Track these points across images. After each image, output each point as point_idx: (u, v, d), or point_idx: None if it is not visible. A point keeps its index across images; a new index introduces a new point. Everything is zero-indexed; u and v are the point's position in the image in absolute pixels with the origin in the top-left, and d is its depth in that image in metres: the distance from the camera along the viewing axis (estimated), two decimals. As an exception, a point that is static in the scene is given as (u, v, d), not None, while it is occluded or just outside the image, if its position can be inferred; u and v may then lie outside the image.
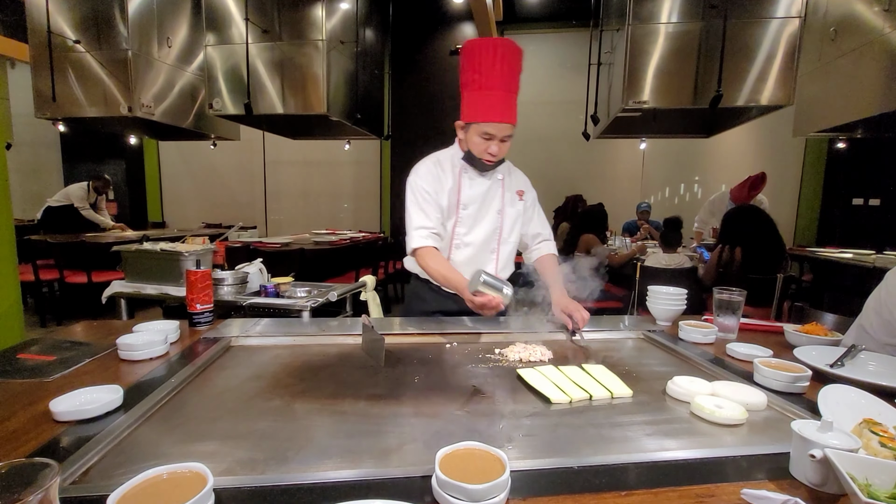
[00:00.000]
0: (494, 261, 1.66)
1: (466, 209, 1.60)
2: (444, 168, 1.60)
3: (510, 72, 1.45)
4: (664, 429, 0.85)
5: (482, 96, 1.45)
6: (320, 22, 4.00)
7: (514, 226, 1.67)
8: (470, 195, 1.60)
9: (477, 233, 1.63)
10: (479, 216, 1.62)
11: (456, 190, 1.59)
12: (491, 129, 1.46)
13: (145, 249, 2.41)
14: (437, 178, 1.58)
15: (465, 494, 0.57)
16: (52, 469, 0.41)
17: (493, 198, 1.63)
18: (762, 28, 3.32)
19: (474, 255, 1.64)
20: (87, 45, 4.21)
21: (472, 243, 1.63)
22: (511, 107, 1.48)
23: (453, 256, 1.65)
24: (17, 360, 1.09)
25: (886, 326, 1.25)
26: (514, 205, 1.66)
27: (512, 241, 1.69)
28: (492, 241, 1.65)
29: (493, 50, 1.43)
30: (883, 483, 0.58)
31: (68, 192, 5.47)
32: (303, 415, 0.88)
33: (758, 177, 4.14)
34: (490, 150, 1.49)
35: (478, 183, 1.61)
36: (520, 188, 1.68)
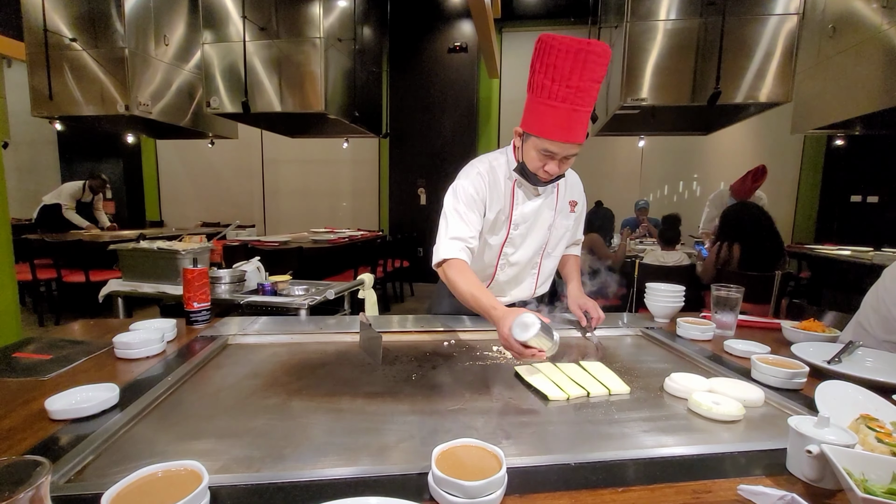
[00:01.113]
0: (535, 276, 1.54)
1: (517, 229, 1.44)
2: (497, 177, 1.41)
3: (589, 83, 1.19)
4: (661, 425, 0.85)
5: (549, 108, 1.21)
6: (318, 20, 3.99)
7: (561, 239, 1.54)
8: (523, 213, 1.42)
9: (524, 251, 1.49)
10: (529, 234, 1.47)
11: (509, 206, 1.41)
12: (553, 147, 1.24)
13: (142, 248, 2.41)
14: (490, 186, 1.39)
15: (461, 491, 0.57)
16: (44, 467, 0.41)
17: (546, 211, 1.46)
18: (760, 25, 3.31)
19: (518, 274, 1.52)
20: (84, 43, 4.20)
21: (518, 262, 1.49)
22: (581, 124, 1.23)
23: (498, 276, 1.51)
24: (13, 359, 1.08)
25: (884, 323, 1.25)
26: (566, 217, 1.51)
27: (556, 255, 1.56)
28: (536, 257, 1.52)
29: (573, 55, 1.16)
30: (879, 478, 0.58)
31: (62, 190, 5.45)
32: (300, 413, 0.87)
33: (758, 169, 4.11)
34: (547, 168, 1.28)
35: (532, 202, 1.43)
36: (573, 198, 1.51)
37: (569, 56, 1.16)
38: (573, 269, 1.61)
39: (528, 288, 1.56)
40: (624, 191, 6.98)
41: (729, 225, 2.91)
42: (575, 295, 1.48)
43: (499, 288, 1.55)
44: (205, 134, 5.48)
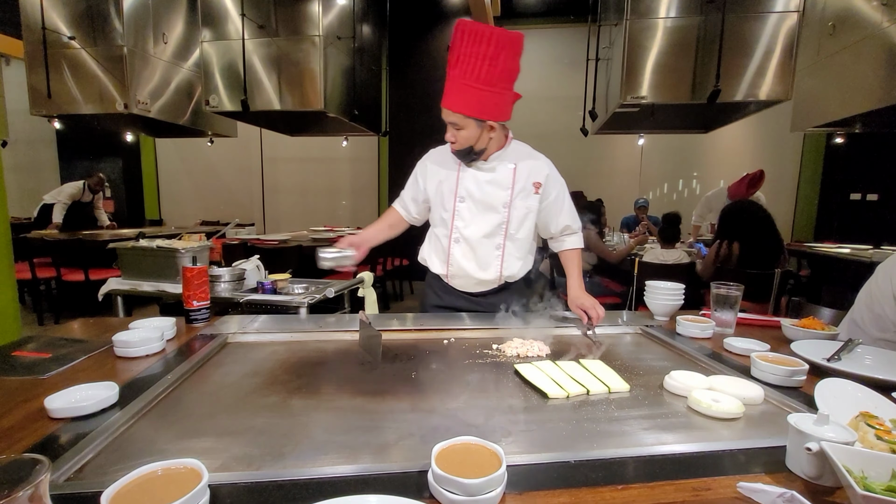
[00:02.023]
0: (499, 258, 1.57)
1: (464, 201, 1.54)
2: (446, 157, 1.56)
3: (475, 56, 1.33)
4: (661, 423, 0.85)
5: (447, 80, 1.40)
6: (317, 17, 3.98)
7: (524, 221, 1.56)
8: (469, 187, 1.53)
9: (476, 228, 1.54)
10: (480, 209, 1.54)
11: (454, 180, 1.54)
12: (443, 112, 1.41)
13: (141, 247, 2.40)
14: (440, 164, 1.57)
15: (461, 489, 0.57)
16: (43, 465, 0.41)
17: (499, 189, 1.52)
18: (760, 23, 3.31)
19: (475, 250, 1.56)
20: (82, 41, 4.18)
21: (471, 238, 1.54)
22: (456, 93, 1.37)
23: (452, 251, 1.58)
24: (13, 358, 1.08)
25: (878, 321, 1.25)
26: (527, 198, 1.54)
27: (522, 238, 1.58)
28: (496, 237, 1.55)
29: (461, 32, 1.34)
30: (879, 475, 0.58)
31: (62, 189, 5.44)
32: (299, 411, 0.87)
33: (756, 174, 4.13)
34: (447, 137, 1.45)
35: (481, 175, 1.52)
36: (537, 180, 1.55)
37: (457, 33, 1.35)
38: (572, 265, 1.61)
39: (494, 271, 1.57)
40: (624, 189, 6.98)
41: (728, 223, 2.91)
42: (575, 294, 1.50)
43: (460, 269, 1.59)
44: (204, 132, 5.47)
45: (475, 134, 1.42)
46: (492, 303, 1.61)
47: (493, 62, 1.34)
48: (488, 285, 1.61)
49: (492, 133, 1.44)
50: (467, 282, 1.61)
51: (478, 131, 1.41)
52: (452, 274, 1.61)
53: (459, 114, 1.38)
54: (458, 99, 1.37)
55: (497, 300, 1.60)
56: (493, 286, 1.62)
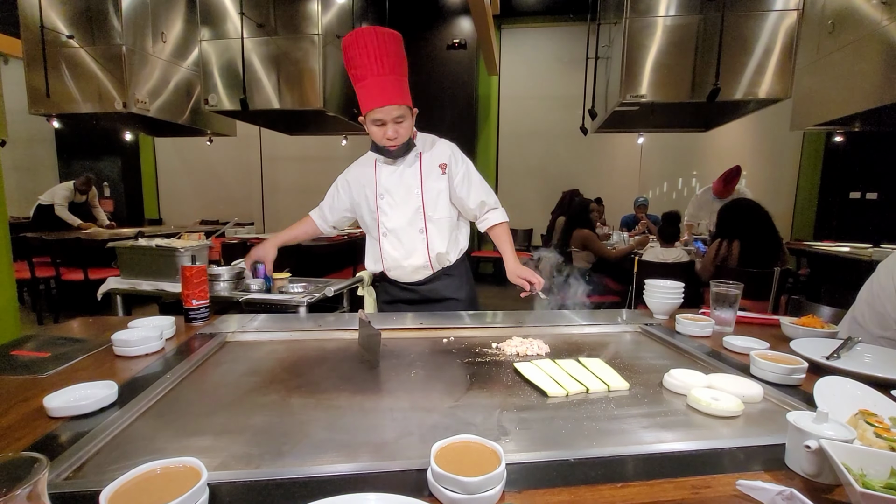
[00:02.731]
0: (424, 241, 1.64)
1: (384, 197, 1.64)
2: (364, 164, 1.69)
3: (383, 55, 1.43)
4: (660, 421, 0.85)
5: (362, 87, 1.46)
6: (316, 16, 3.97)
7: (438, 201, 1.64)
8: (385, 184, 1.63)
9: (397, 216, 1.63)
10: (398, 200, 1.63)
11: (373, 181, 1.65)
12: (378, 114, 1.47)
13: (140, 246, 2.40)
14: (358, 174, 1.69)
15: (460, 487, 0.57)
16: (41, 464, 0.41)
17: (408, 179, 1.63)
18: (760, 21, 3.31)
19: (401, 238, 1.65)
20: (81, 40, 4.18)
21: (395, 228, 1.64)
22: (392, 88, 1.45)
23: (383, 245, 1.68)
24: (11, 357, 1.08)
25: (879, 318, 1.25)
26: (436, 180, 1.64)
27: (440, 218, 1.66)
28: (417, 222, 1.64)
29: (358, 40, 1.43)
30: (878, 473, 0.58)
31: (54, 192, 5.46)
32: (299, 409, 0.87)
33: (732, 170, 4.25)
34: (387, 135, 1.50)
35: (391, 170, 1.63)
36: (442, 161, 1.65)
37: (355, 44, 1.44)
38: (502, 239, 1.70)
39: (422, 255, 1.65)
40: (623, 188, 6.98)
41: (727, 222, 2.91)
42: (512, 267, 1.62)
43: (393, 260, 1.69)
44: (203, 131, 5.47)
45: (411, 123, 1.55)
46: (434, 289, 1.71)
47: (399, 55, 1.48)
48: (424, 271, 1.69)
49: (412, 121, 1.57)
50: (403, 272, 1.70)
51: (412, 120, 1.55)
52: (388, 267, 1.71)
53: (403, 105, 1.48)
54: (396, 91, 1.46)
55: (439, 286, 1.70)
56: (429, 271, 1.70)
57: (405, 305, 1.75)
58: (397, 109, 1.47)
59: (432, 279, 1.71)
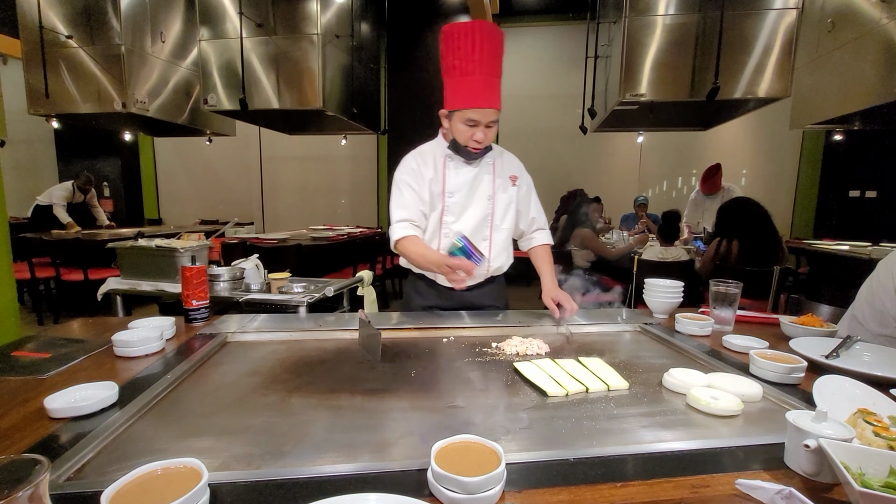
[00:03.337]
0: (487, 249, 1.61)
1: (453, 196, 1.57)
2: (426, 160, 1.57)
3: (491, 55, 1.40)
4: (660, 420, 0.85)
5: (464, 82, 1.41)
6: (315, 16, 3.97)
7: (506, 212, 1.62)
8: (456, 183, 1.56)
9: (466, 220, 1.58)
10: (468, 203, 1.58)
11: (440, 179, 1.56)
12: (475, 115, 1.42)
13: (140, 246, 2.40)
14: (419, 170, 1.56)
15: (460, 487, 0.57)
16: (43, 465, 0.41)
17: (481, 184, 1.58)
18: (759, 19, 3.30)
19: None
20: (80, 40, 4.17)
21: (461, 231, 1.57)
22: (494, 91, 1.43)
23: (443, 245, 1.59)
24: (12, 358, 1.08)
25: (878, 316, 1.26)
26: (507, 190, 1.61)
27: (505, 228, 1.63)
28: (483, 229, 1.60)
29: (471, 34, 1.37)
30: (877, 472, 0.58)
31: (52, 192, 5.46)
32: (299, 410, 0.87)
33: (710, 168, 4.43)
34: (475, 137, 1.45)
35: (464, 171, 1.57)
36: (513, 173, 1.63)
37: (466, 36, 1.38)
38: (544, 260, 1.64)
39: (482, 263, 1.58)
40: (623, 187, 6.98)
41: (726, 220, 2.91)
42: (548, 288, 1.53)
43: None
44: (202, 131, 5.46)
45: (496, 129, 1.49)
46: (478, 296, 1.65)
47: (500, 58, 1.44)
48: (476, 279, 1.64)
49: None
50: None
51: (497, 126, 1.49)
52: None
53: (496, 109, 1.43)
54: (497, 96, 1.43)
55: (482, 294, 1.65)
56: (480, 279, 1.65)
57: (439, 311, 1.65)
58: (495, 114, 1.44)
59: (477, 286, 1.67)
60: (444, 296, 1.66)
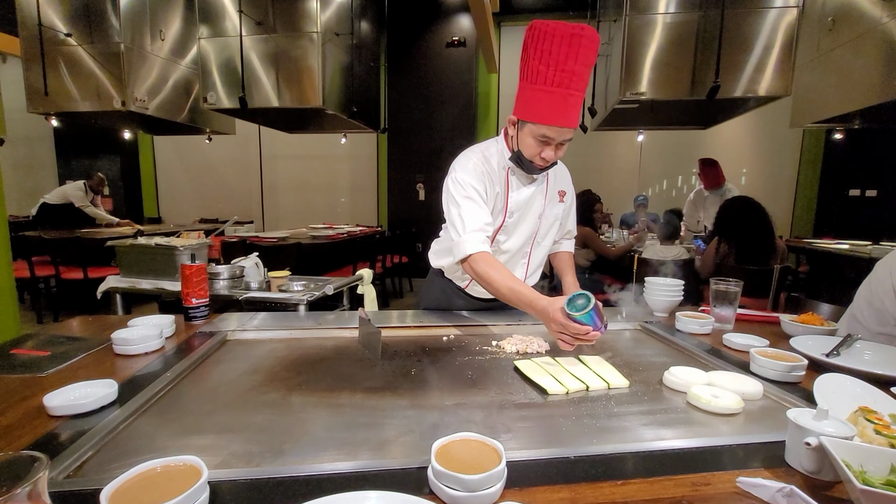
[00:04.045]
0: (525, 265, 1.53)
1: (513, 216, 1.43)
2: (492, 166, 1.40)
3: (583, 67, 1.20)
4: (660, 418, 0.85)
5: (546, 94, 1.21)
6: (315, 14, 3.96)
7: (550, 229, 1.53)
8: (517, 200, 1.42)
9: (516, 239, 1.48)
10: (521, 221, 1.47)
11: (504, 194, 1.41)
12: (551, 132, 1.24)
13: (140, 244, 2.40)
14: (487, 175, 1.38)
15: (461, 485, 0.57)
16: (41, 462, 0.41)
17: (537, 201, 1.47)
18: (760, 18, 3.30)
19: (507, 262, 1.50)
20: (79, 38, 4.16)
21: (510, 251, 1.48)
22: (576, 109, 1.25)
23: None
24: (11, 356, 1.08)
25: (877, 315, 1.26)
26: (555, 207, 1.51)
27: (545, 245, 1.56)
28: (526, 245, 1.51)
29: (568, 40, 1.17)
30: (878, 470, 0.58)
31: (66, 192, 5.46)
32: (299, 408, 0.87)
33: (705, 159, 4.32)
34: (544, 155, 1.29)
35: (525, 189, 1.43)
36: (562, 188, 1.52)
37: (564, 41, 1.18)
38: (567, 264, 1.60)
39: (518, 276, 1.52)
40: (623, 185, 6.97)
41: (725, 219, 2.91)
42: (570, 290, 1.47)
43: None
44: (202, 130, 5.46)
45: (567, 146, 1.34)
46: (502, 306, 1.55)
47: (591, 67, 1.25)
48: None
49: None
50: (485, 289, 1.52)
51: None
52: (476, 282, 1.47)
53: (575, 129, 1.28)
54: (575, 113, 1.26)
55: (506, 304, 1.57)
56: None
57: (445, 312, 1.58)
58: (571, 133, 1.28)
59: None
60: (471, 304, 1.60)
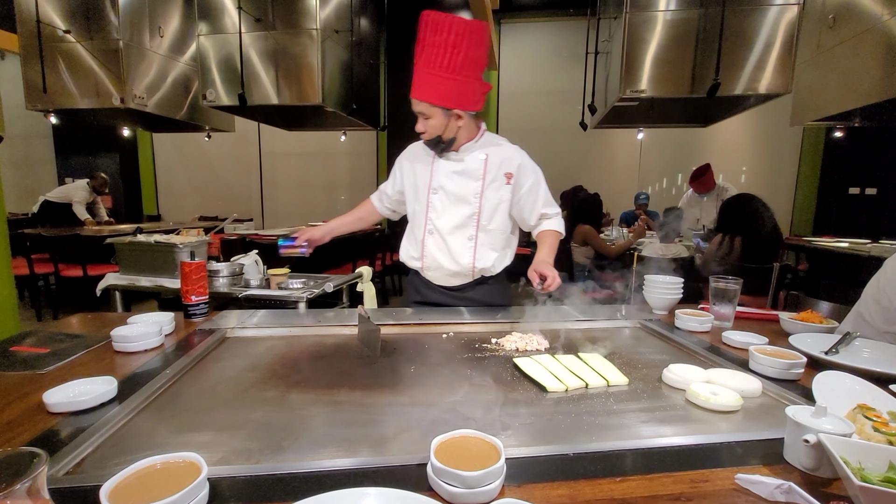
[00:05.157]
0: (472, 249, 1.55)
1: (437, 193, 1.56)
2: (419, 153, 1.63)
3: (441, 45, 1.37)
4: (660, 416, 0.85)
5: (415, 72, 1.43)
6: (314, 11, 3.94)
7: (496, 212, 1.55)
8: (442, 179, 1.55)
9: (448, 218, 1.55)
10: (452, 200, 1.55)
11: (428, 172, 1.58)
12: (413, 105, 1.45)
13: (139, 241, 2.40)
14: (414, 158, 1.63)
15: (460, 481, 0.57)
16: (41, 458, 0.41)
17: (471, 181, 1.53)
18: (760, 15, 3.29)
19: (447, 241, 1.56)
20: (78, 35, 4.15)
21: (442, 229, 1.56)
22: (427, 81, 1.41)
23: (426, 242, 1.59)
24: (11, 353, 1.08)
25: (884, 314, 1.26)
26: (498, 189, 1.54)
27: (494, 230, 1.57)
28: (468, 228, 1.55)
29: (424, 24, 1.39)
30: (876, 467, 0.58)
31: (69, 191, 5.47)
32: (298, 405, 0.87)
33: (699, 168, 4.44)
34: (417, 127, 1.48)
35: (454, 166, 1.54)
36: (509, 170, 1.54)
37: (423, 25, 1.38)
38: (545, 241, 1.56)
39: (467, 262, 1.56)
40: (623, 183, 6.97)
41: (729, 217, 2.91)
42: (538, 260, 1.46)
43: (433, 261, 1.60)
44: (201, 127, 5.44)
45: (442, 123, 1.46)
46: (470, 297, 1.62)
47: (455, 50, 1.37)
48: (463, 278, 1.61)
49: (459, 122, 1.48)
50: (441, 274, 1.62)
51: (444, 120, 1.45)
52: (427, 266, 1.62)
53: (426, 102, 1.43)
54: (424, 88, 1.42)
55: (475, 295, 1.62)
56: (468, 279, 1.61)
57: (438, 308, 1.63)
58: (420, 105, 1.44)
59: (472, 286, 1.62)
60: (436, 293, 1.66)
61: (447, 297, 1.64)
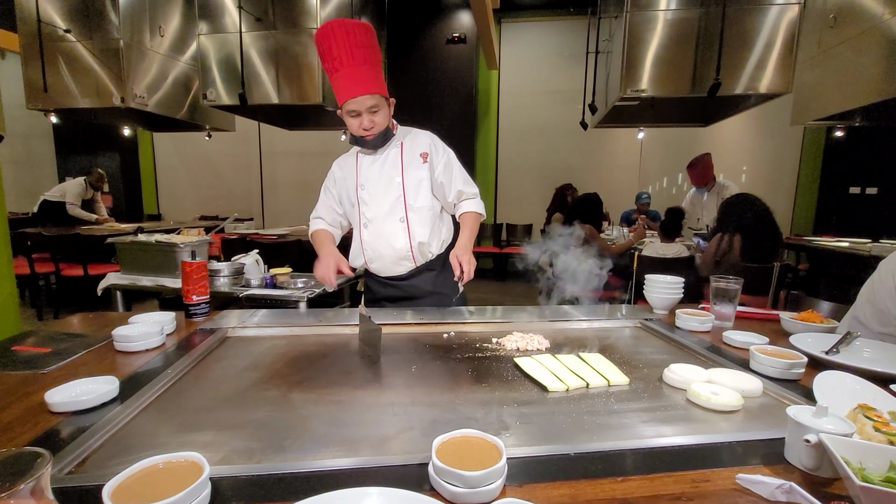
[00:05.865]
0: (406, 230, 1.62)
1: (364, 187, 1.63)
2: (347, 156, 1.70)
3: (349, 46, 1.43)
4: (660, 416, 0.85)
5: (335, 79, 1.47)
6: (315, 10, 3.94)
7: (419, 190, 1.63)
8: (366, 174, 1.63)
9: (377, 205, 1.62)
10: (378, 190, 1.63)
11: (354, 172, 1.66)
12: (353, 105, 1.47)
13: (140, 241, 2.40)
14: (341, 167, 1.70)
15: (461, 481, 0.57)
16: (44, 458, 0.41)
17: (391, 167, 1.62)
18: (761, 15, 3.29)
19: (381, 228, 1.63)
20: (78, 34, 4.15)
21: (375, 217, 1.63)
22: (362, 78, 1.45)
23: (363, 236, 1.66)
24: (12, 352, 1.08)
25: (879, 316, 1.26)
26: (417, 169, 1.63)
27: (421, 207, 1.64)
28: (397, 210, 1.62)
29: (327, 32, 1.44)
30: (877, 467, 0.58)
31: (65, 188, 5.45)
32: (300, 404, 0.87)
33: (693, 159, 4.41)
34: (363, 126, 1.51)
35: (374, 159, 1.63)
36: (423, 150, 1.64)
37: (325, 37, 1.44)
38: (465, 225, 1.65)
39: (403, 244, 1.63)
40: (623, 183, 6.97)
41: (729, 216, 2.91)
42: (458, 247, 1.54)
43: (373, 251, 1.66)
44: (202, 126, 5.44)
45: (388, 112, 1.56)
46: (417, 286, 1.68)
47: (366, 47, 1.47)
48: (407, 263, 1.66)
49: (391, 110, 1.58)
50: (384, 263, 1.67)
51: (388, 110, 1.56)
52: (369, 258, 1.68)
53: (377, 94, 1.48)
54: (364, 82, 1.46)
55: (422, 283, 1.67)
56: (411, 265, 1.67)
57: (388, 303, 1.70)
58: (370, 99, 1.47)
59: (415, 273, 1.68)
60: (385, 287, 1.71)
61: (396, 290, 1.70)
